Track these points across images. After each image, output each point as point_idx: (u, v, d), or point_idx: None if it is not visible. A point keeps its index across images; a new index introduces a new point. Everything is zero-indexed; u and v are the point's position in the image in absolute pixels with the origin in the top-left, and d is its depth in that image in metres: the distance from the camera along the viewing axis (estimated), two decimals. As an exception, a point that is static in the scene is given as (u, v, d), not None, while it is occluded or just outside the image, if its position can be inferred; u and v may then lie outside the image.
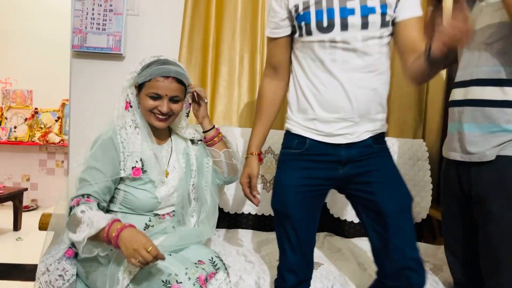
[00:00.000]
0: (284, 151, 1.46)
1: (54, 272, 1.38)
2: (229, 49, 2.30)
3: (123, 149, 1.41)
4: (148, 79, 1.40)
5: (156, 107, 1.42)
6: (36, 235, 1.65)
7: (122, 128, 1.44)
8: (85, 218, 1.24)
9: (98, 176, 1.36)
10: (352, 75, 1.30)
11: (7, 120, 4.56)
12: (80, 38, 2.25)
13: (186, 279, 1.26)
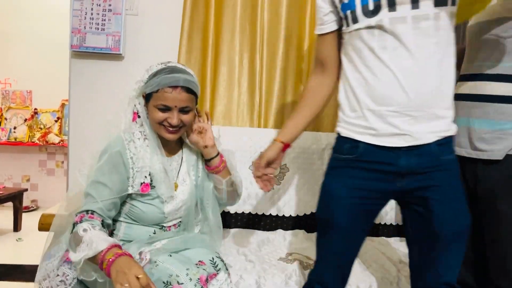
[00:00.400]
0: (334, 156, 1.32)
1: (54, 278, 1.38)
2: (228, 49, 2.30)
3: (132, 165, 1.36)
4: (156, 89, 1.33)
5: (165, 119, 1.35)
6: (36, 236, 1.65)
7: (131, 141, 1.38)
8: (86, 238, 1.18)
9: (105, 193, 1.31)
10: (404, 62, 1.14)
11: (7, 121, 4.56)
12: (79, 38, 2.24)
13: (187, 280, 1.26)
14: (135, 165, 1.36)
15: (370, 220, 1.31)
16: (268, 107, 2.33)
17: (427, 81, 1.15)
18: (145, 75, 1.38)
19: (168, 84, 1.32)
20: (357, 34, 1.21)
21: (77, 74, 2.32)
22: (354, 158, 1.23)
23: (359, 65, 1.22)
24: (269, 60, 2.31)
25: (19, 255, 3.17)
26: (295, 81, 2.33)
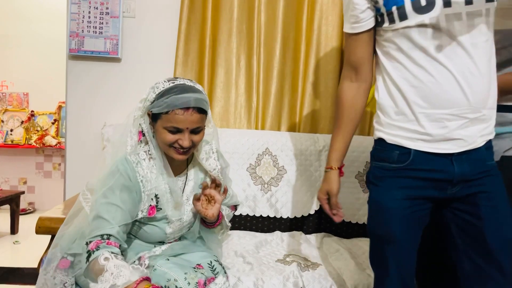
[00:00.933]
0: (379, 165, 1.23)
1: (53, 287, 1.36)
2: (225, 51, 2.30)
3: (143, 188, 1.30)
4: (166, 111, 1.24)
5: (176, 141, 1.28)
6: (33, 239, 1.66)
7: (138, 163, 1.31)
8: (110, 266, 1.12)
9: (118, 214, 1.24)
10: (462, 61, 1.10)
11: (4, 123, 4.54)
12: (77, 42, 2.24)
13: (186, 284, 1.25)
14: (145, 188, 1.30)
15: (422, 227, 1.25)
16: (265, 109, 2.34)
17: (483, 81, 1.11)
18: (150, 94, 1.30)
19: (180, 106, 1.23)
20: (405, 32, 1.13)
21: (74, 76, 2.31)
22: (404, 167, 1.17)
23: (408, 66, 1.14)
24: (266, 62, 2.32)
25: (16, 258, 3.16)
26: (292, 83, 2.33)
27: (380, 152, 1.23)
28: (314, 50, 2.31)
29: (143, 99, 1.32)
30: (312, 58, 2.31)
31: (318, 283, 1.56)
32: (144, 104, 1.32)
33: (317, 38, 2.31)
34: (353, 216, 2.11)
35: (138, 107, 1.33)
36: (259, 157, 2.14)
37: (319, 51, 2.33)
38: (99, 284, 1.12)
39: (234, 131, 2.21)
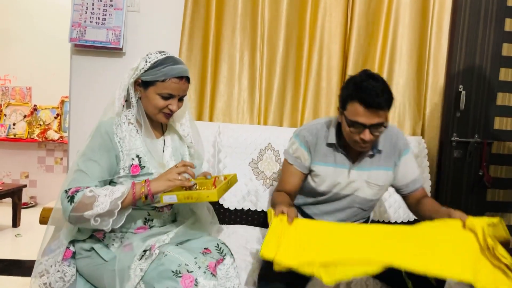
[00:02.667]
0: None
1: (54, 274, 1.39)
2: (229, 46, 2.31)
3: (121, 148, 1.39)
4: (162, 79, 1.38)
5: (166, 106, 1.42)
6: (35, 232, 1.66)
7: (119, 125, 1.41)
8: (100, 191, 1.27)
9: (96, 170, 1.34)
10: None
11: (6, 117, 4.56)
12: (79, 32, 2.24)
13: (196, 267, 1.28)
14: (123, 148, 1.39)
15: None
16: (268, 104, 2.34)
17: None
18: (142, 63, 1.41)
19: (176, 75, 1.39)
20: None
21: (77, 70, 2.32)
22: None
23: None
24: (270, 58, 2.32)
25: (18, 251, 3.18)
26: (295, 79, 2.34)
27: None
28: (317, 46, 2.32)
29: (134, 68, 1.42)
30: (315, 54, 2.32)
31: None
32: (135, 72, 1.41)
33: (321, 35, 2.32)
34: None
35: (129, 74, 1.42)
36: (261, 152, 2.14)
37: (322, 47, 2.33)
38: (97, 208, 1.24)
39: (236, 126, 2.22)
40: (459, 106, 2.35)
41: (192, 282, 1.24)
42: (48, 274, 1.39)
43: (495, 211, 2.41)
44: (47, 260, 1.42)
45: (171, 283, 1.23)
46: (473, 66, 2.36)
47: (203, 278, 1.26)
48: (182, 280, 1.23)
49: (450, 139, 2.36)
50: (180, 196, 1.33)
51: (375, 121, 1.41)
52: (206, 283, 1.26)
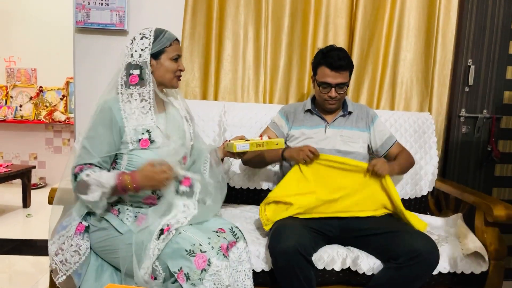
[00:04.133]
0: None
1: (68, 249, 1.41)
2: (233, 23, 2.27)
3: (126, 123, 1.43)
4: (168, 44, 1.50)
5: (178, 67, 1.54)
6: (45, 212, 1.68)
7: (127, 102, 1.46)
8: (92, 180, 1.34)
9: (99, 146, 1.41)
10: None
11: (13, 99, 4.57)
12: (84, 14, 2.23)
13: (210, 248, 1.32)
14: (128, 123, 1.44)
15: None
16: (274, 82, 2.32)
17: None
18: (145, 41, 1.48)
19: (173, 38, 1.53)
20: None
21: (81, 50, 2.31)
22: None
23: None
24: (274, 34, 2.29)
25: (29, 231, 3.23)
26: (300, 56, 2.30)
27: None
28: (323, 22, 2.27)
29: (142, 47, 1.47)
30: (321, 30, 2.28)
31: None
32: (145, 50, 1.48)
33: (326, 10, 2.27)
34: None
35: (139, 54, 1.47)
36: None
37: (328, 23, 2.29)
38: (90, 195, 1.34)
39: (241, 104, 2.21)
40: (467, 81, 2.31)
41: (205, 262, 1.29)
42: (63, 251, 1.42)
43: (503, 186, 2.40)
44: (58, 238, 1.44)
45: (185, 262, 1.28)
46: (483, 40, 2.31)
47: (215, 259, 1.31)
48: (196, 259, 1.28)
49: (458, 114, 2.33)
50: (252, 144, 1.55)
51: (339, 81, 1.78)
52: (219, 264, 1.31)
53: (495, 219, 1.62)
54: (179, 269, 1.28)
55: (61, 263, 1.42)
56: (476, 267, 1.60)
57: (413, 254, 1.44)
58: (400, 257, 1.46)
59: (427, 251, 1.45)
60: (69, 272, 1.42)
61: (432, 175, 2.13)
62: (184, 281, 1.26)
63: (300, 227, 1.53)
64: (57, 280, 1.43)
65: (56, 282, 1.43)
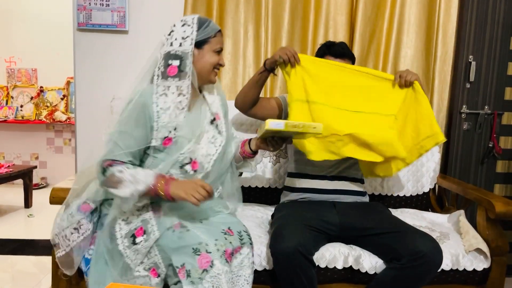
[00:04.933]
0: None
1: (69, 226, 1.41)
2: (233, 21, 2.27)
3: (157, 119, 1.36)
4: (214, 35, 1.42)
5: (219, 61, 1.45)
6: (47, 212, 1.69)
7: (163, 95, 1.37)
8: (127, 176, 1.30)
9: (130, 142, 1.36)
10: None
11: (13, 99, 4.57)
12: (85, 15, 2.24)
13: (215, 250, 1.30)
14: (160, 119, 1.36)
15: None
16: (273, 80, 2.31)
17: None
18: (187, 29, 1.39)
19: (218, 28, 1.44)
20: None
21: (82, 49, 2.31)
22: None
23: None
24: (274, 32, 2.28)
25: (31, 231, 3.24)
26: (301, 53, 2.29)
27: None
28: (323, 19, 2.27)
29: (185, 36, 1.38)
30: (321, 27, 2.27)
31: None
32: (190, 38, 1.38)
33: (327, 7, 2.27)
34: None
35: (180, 42, 1.38)
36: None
37: (328, 19, 2.28)
38: (120, 190, 1.30)
39: (242, 103, 2.20)
40: (468, 77, 2.30)
41: (208, 263, 1.28)
42: (64, 228, 1.42)
43: (505, 183, 2.40)
44: (61, 216, 1.45)
45: (189, 259, 1.28)
46: (483, 36, 2.30)
47: (218, 262, 1.29)
48: (200, 258, 1.28)
49: (460, 111, 2.33)
50: (287, 124, 1.36)
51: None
52: (221, 267, 1.29)
53: (497, 215, 1.61)
54: (181, 265, 1.28)
55: (63, 238, 1.42)
56: (478, 263, 1.59)
57: (417, 255, 1.43)
58: (403, 257, 1.45)
59: (431, 252, 1.44)
60: (68, 249, 1.42)
61: (434, 172, 2.12)
62: (184, 277, 1.27)
63: (301, 226, 1.53)
64: (57, 254, 1.44)
65: (56, 256, 1.44)
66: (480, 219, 1.72)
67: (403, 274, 1.46)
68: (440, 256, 1.47)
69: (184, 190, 1.29)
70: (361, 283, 1.57)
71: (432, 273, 1.49)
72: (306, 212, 1.65)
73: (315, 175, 1.81)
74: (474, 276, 1.60)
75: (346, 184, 1.81)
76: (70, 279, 1.55)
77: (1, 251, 2.70)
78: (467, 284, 1.62)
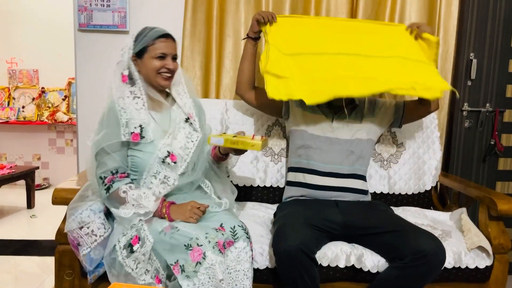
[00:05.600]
0: None
1: (96, 221, 1.46)
2: (233, 21, 2.27)
3: (121, 117, 1.47)
4: (151, 43, 1.50)
5: (163, 66, 1.51)
6: (50, 213, 1.69)
7: (120, 98, 1.51)
8: (129, 199, 1.42)
9: (115, 146, 1.45)
10: None
11: (15, 100, 4.58)
12: (86, 16, 2.24)
13: (206, 242, 1.35)
14: (123, 117, 1.48)
15: None
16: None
17: None
18: (129, 41, 1.53)
19: (160, 35, 1.51)
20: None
21: (83, 50, 2.31)
22: None
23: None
24: (275, 31, 2.28)
25: (34, 231, 3.24)
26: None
27: None
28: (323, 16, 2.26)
29: (124, 47, 1.53)
30: (322, 26, 2.27)
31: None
32: (127, 49, 1.52)
33: (327, 6, 2.26)
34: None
35: (121, 54, 1.54)
36: (269, 129, 2.14)
37: (329, 18, 2.28)
38: (121, 211, 1.41)
39: (243, 102, 2.20)
40: (470, 75, 2.30)
41: (200, 255, 1.32)
42: (89, 224, 1.45)
43: (507, 180, 2.39)
44: (81, 213, 1.46)
45: (181, 255, 1.32)
46: (484, 33, 2.29)
47: (211, 252, 1.33)
48: (192, 252, 1.32)
49: (461, 108, 2.32)
50: (227, 140, 1.49)
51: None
52: (214, 258, 1.33)
53: (499, 213, 1.61)
54: (175, 261, 1.31)
55: (87, 235, 1.45)
56: (481, 261, 1.59)
57: (420, 254, 1.43)
58: (406, 257, 1.45)
59: (434, 251, 1.44)
60: (94, 244, 1.45)
61: (436, 169, 2.12)
62: (179, 273, 1.30)
63: (303, 225, 1.53)
64: (82, 252, 1.46)
65: (81, 254, 1.46)
66: (482, 217, 1.72)
67: (406, 273, 1.46)
68: (443, 255, 1.47)
69: (183, 214, 1.43)
70: (364, 281, 1.58)
71: (435, 272, 1.48)
72: (308, 211, 1.65)
73: (317, 171, 1.81)
74: (476, 274, 1.60)
75: (348, 181, 1.81)
76: (73, 279, 1.56)
77: (4, 251, 2.71)
78: (470, 282, 1.62)
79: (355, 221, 1.63)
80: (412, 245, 1.46)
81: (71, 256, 1.53)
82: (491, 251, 1.60)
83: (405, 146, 2.13)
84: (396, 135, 2.12)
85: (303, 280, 1.45)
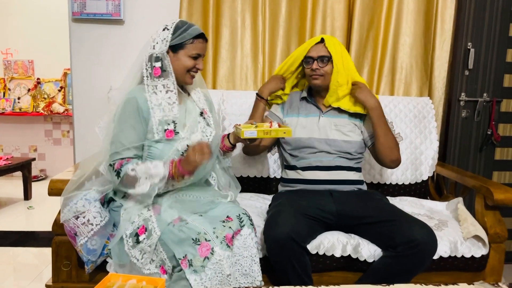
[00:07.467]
0: None
1: (92, 210, 1.45)
2: (230, 10, 2.25)
3: (153, 114, 1.46)
4: (191, 41, 1.48)
5: (194, 65, 1.52)
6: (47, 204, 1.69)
7: (153, 93, 1.49)
8: (140, 174, 1.39)
9: (132, 137, 1.45)
10: None
11: (11, 91, 4.55)
12: (80, 5, 2.21)
13: (214, 237, 1.37)
14: (155, 114, 1.47)
15: None
16: (272, 69, 2.30)
17: None
18: (165, 33, 1.48)
19: (199, 33, 1.50)
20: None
21: (77, 40, 2.29)
22: None
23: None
24: (272, 20, 2.26)
25: (31, 223, 3.25)
26: (298, 42, 2.28)
27: None
28: (321, 7, 2.25)
29: (157, 39, 1.49)
30: (319, 15, 2.25)
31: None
32: (163, 43, 1.48)
33: (323, 9, 2.24)
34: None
35: (155, 45, 1.49)
36: (265, 119, 2.13)
37: (326, 8, 2.26)
38: (138, 189, 1.39)
39: (240, 92, 2.19)
40: (467, 65, 2.29)
41: (209, 251, 1.34)
42: (84, 214, 1.44)
43: (503, 170, 2.40)
44: (76, 203, 1.45)
45: (190, 249, 1.33)
46: (482, 23, 2.28)
47: (219, 248, 1.35)
48: (200, 247, 1.33)
49: (458, 98, 2.32)
50: (260, 131, 1.51)
51: (321, 54, 1.79)
52: (222, 253, 1.35)
53: (495, 202, 1.62)
54: (183, 256, 1.33)
55: (83, 225, 1.44)
56: (477, 250, 1.60)
57: (412, 244, 1.44)
58: (399, 246, 1.46)
59: (425, 240, 1.45)
60: (91, 233, 1.44)
61: (432, 159, 2.13)
62: (186, 267, 1.31)
63: (296, 214, 1.53)
64: (79, 242, 1.44)
65: (78, 245, 1.45)
66: (479, 206, 1.73)
67: (398, 262, 1.48)
68: (434, 245, 1.48)
69: (194, 160, 1.38)
70: (360, 271, 1.58)
71: (426, 262, 1.50)
72: (302, 201, 1.65)
73: (310, 167, 1.81)
74: (472, 263, 1.61)
75: (343, 173, 1.80)
76: (70, 270, 1.56)
77: (2, 243, 2.71)
78: (466, 271, 1.63)
79: (349, 211, 1.63)
80: (405, 234, 1.47)
81: (68, 247, 1.53)
82: (487, 240, 1.61)
83: (402, 136, 2.12)
84: (393, 125, 2.12)
85: (294, 269, 1.46)
